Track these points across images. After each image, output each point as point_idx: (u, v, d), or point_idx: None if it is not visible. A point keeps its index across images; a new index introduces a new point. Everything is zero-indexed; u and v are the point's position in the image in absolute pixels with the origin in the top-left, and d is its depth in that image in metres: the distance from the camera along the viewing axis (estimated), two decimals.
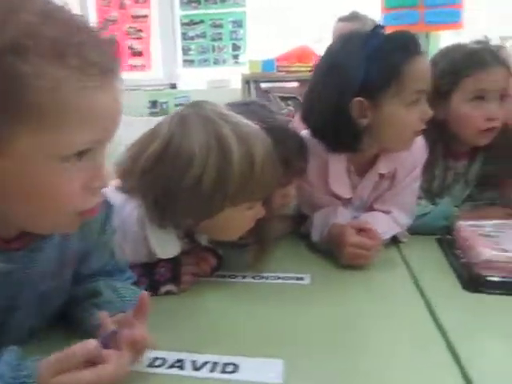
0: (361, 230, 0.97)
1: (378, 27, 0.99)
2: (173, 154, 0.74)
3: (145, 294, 0.61)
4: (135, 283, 0.77)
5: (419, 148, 1.12)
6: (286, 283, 0.90)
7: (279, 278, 0.92)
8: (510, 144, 1.22)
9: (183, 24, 4.26)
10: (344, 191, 1.10)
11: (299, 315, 0.78)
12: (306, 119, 1.05)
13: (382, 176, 1.10)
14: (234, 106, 0.94)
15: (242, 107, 0.95)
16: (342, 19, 2.08)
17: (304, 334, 0.72)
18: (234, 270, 0.95)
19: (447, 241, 1.08)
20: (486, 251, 0.87)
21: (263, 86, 3.38)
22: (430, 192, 1.26)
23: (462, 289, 0.86)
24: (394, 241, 1.12)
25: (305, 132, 1.09)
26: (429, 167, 1.21)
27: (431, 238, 1.14)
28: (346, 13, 2.15)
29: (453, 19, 2.98)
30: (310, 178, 1.09)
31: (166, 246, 0.80)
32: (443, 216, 1.19)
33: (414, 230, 1.17)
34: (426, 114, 1.00)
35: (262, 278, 0.92)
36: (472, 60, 1.14)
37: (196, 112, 0.77)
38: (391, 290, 0.87)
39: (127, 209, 0.78)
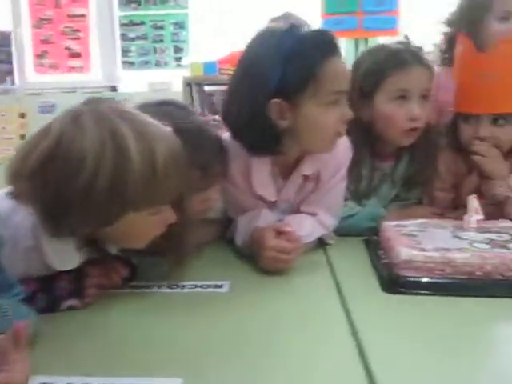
0: (281, 233, 0.94)
1: (293, 27, 0.96)
2: (63, 154, 0.67)
3: (19, 325, 0.54)
4: (30, 299, 0.70)
5: (344, 149, 1.10)
6: (203, 292, 0.85)
7: (197, 286, 0.87)
8: (431, 144, 1.23)
9: (122, 25, 4.15)
10: (269, 194, 1.07)
11: (212, 326, 0.73)
12: (226, 121, 1.01)
13: (306, 178, 1.08)
14: (145, 106, 0.89)
15: (155, 107, 0.89)
16: (274, 19, 2.05)
17: (213, 347, 0.67)
18: (151, 279, 0.89)
19: (373, 242, 1.07)
20: (405, 251, 0.86)
21: (207, 89, 3.33)
22: (357, 193, 1.25)
23: (382, 290, 0.84)
24: (321, 243, 1.11)
25: (226, 134, 1.05)
26: (355, 168, 1.21)
27: (359, 239, 1.12)
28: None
29: (389, 26, 3.07)
30: (233, 180, 1.06)
31: (65, 256, 0.73)
32: (370, 217, 1.18)
33: (342, 232, 1.16)
34: (346, 115, 0.98)
35: (179, 287, 0.87)
36: (393, 60, 1.15)
37: (91, 109, 0.70)
38: (311, 294, 0.85)
39: (18, 217, 0.70)
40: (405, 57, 1.15)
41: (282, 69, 0.92)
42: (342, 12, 3.05)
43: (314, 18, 2.63)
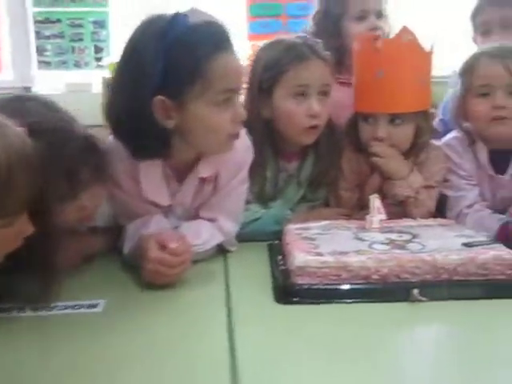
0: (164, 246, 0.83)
1: (179, 14, 0.87)
2: None
3: None
4: None
5: (244, 149, 1.03)
6: (73, 313, 0.74)
7: (67, 307, 0.76)
8: (334, 143, 1.20)
9: (37, 22, 3.88)
10: (161, 198, 0.98)
11: (80, 352, 0.63)
12: (108, 121, 0.91)
13: (203, 180, 1.00)
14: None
15: (14, 103, 0.78)
16: None
17: (77, 376, 0.58)
18: (16, 301, 0.77)
19: (275, 247, 1.00)
20: (300, 256, 0.80)
21: None
22: (262, 196, 1.18)
23: (274, 301, 0.78)
24: (222, 250, 1.03)
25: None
26: (259, 169, 1.15)
27: (263, 244, 1.06)
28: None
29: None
30: (120, 184, 0.96)
31: None
32: (275, 220, 1.12)
33: (245, 237, 1.09)
34: (239, 115, 0.91)
35: (45, 309, 0.75)
36: (290, 54, 1.09)
37: None
38: (195, 310, 0.76)
39: None
40: (302, 50, 1.10)
41: (164, 62, 0.83)
42: (267, 15, 3.05)
43: (240, 22, 2.59)
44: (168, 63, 0.84)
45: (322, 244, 0.88)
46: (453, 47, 1.93)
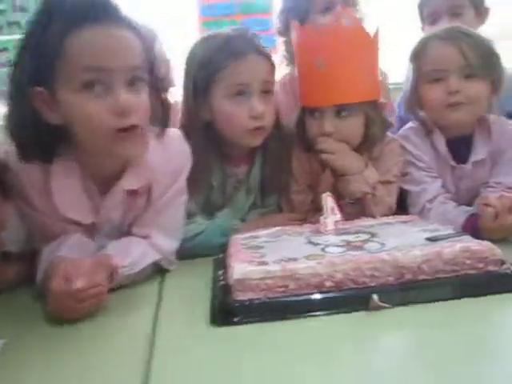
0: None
1: None
2: None
3: None
4: None
5: (179, 155, 0.91)
6: None
7: None
8: (283, 143, 1.09)
9: None
10: (81, 215, 0.84)
11: None
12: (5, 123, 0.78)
13: (134, 193, 0.86)
14: None
15: None
16: None
17: None
18: None
19: (220, 261, 0.87)
20: (239, 268, 0.68)
21: None
22: (209, 206, 1.07)
23: (210, 323, 0.65)
24: (162, 270, 0.90)
25: None
26: (203, 177, 1.03)
27: (210, 259, 0.93)
28: None
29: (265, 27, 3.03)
30: (29, 200, 0.81)
31: None
32: (221, 231, 1.00)
33: (190, 253, 0.96)
34: (120, 105, 0.72)
35: None
36: (226, 50, 0.98)
37: None
38: (116, 340, 0.63)
39: None
40: (239, 45, 0.99)
41: (27, 46, 0.72)
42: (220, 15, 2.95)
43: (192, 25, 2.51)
44: (30, 47, 0.72)
45: (269, 252, 0.76)
46: None
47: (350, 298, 0.66)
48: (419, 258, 0.69)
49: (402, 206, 1.09)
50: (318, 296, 0.66)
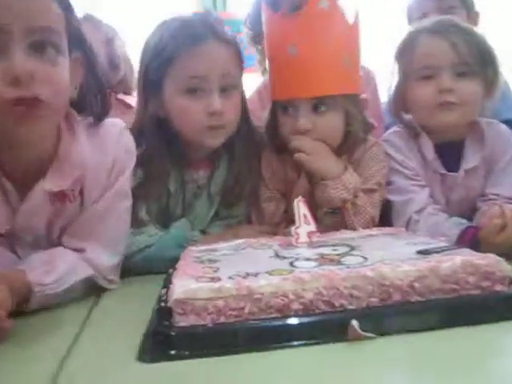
0: None
1: None
2: None
3: None
4: None
5: (119, 149, 0.77)
6: None
7: None
8: (252, 144, 0.96)
9: None
10: None
11: None
12: None
13: (60, 195, 0.71)
14: None
15: None
16: None
17: None
18: None
19: (168, 277, 0.72)
20: (183, 285, 0.53)
21: None
22: (165, 215, 0.92)
23: (137, 359, 0.49)
24: (101, 288, 0.74)
25: None
26: (158, 182, 0.89)
27: (162, 276, 0.78)
28: None
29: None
30: None
31: None
32: (175, 243, 0.84)
33: (139, 269, 0.81)
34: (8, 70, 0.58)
35: None
36: (181, 34, 0.85)
37: None
38: (10, 381, 0.47)
39: None
40: (196, 29, 0.85)
41: None
42: None
43: None
44: None
45: (225, 266, 0.62)
46: None
47: (322, 325, 0.51)
48: (411, 275, 0.54)
49: (385, 218, 0.96)
50: (281, 322, 0.51)
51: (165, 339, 0.49)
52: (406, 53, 0.98)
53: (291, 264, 0.61)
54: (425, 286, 0.55)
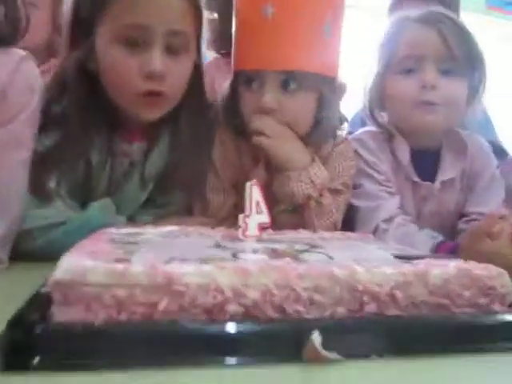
0: None
1: None
2: None
3: None
4: None
5: (14, 83, 0.61)
6: None
7: None
8: (202, 122, 0.80)
9: None
10: None
11: None
12: None
13: None
14: None
15: None
16: None
17: None
18: None
19: None
20: (71, 262, 0.36)
21: None
22: (83, 191, 0.74)
23: None
24: None
25: None
26: (75, 148, 0.71)
27: None
28: None
29: None
30: None
31: None
32: (90, 228, 0.66)
33: (34, 252, 0.63)
34: None
35: None
36: None
37: None
38: None
39: None
40: None
41: None
42: None
43: None
44: None
45: (143, 250, 0.45)
46: None
47: (269, 338, 0.36)
48: (392, 279, 0.40)
49: (347, 224, 0.83)
50: (210, 329, 0.35)
51: (26, 340, 0.32)
52: (388, 42, 0.87)
53: (234, 255, 0.46)
54: (408, 297, 0.40)
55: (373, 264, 0.42)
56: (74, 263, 0.35)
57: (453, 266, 0.43)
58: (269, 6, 0.71)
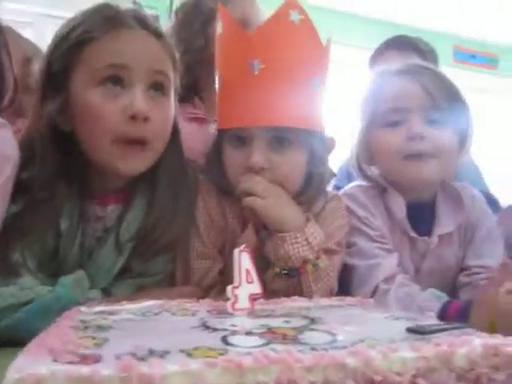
0: None
1: None
2: None
3: None
4: None
5: None
6: None
7: None
8: (183, 180, 0.74)
9: None
10: None
11: None
12: None
13: None
14: None
15: None
16: None
17: None
18: None
19: None
20: (22, 367, 0.29)
21: None
22: (52, 263, 0.66)
23: None
24: None
25: None
26: (42, 214, 0.65)
27: None
28: None
29: None
30: None
31: None
32: (59, 307, 0.59)
33: (8, 335, 0.56)
34: None
35: None
36: (98, 16, 0.65)
37: None
38: None
39: None
40: (120, 14, 0.66)
41: None
42: None
43: None
44: None
45: (118, 338, 0.39)
46: None
47: None
48: (412, 365, 0.34)
49: (342, 284, 0.76)
50: None
51: None
52: (371, 96, 0.85)
53: (224, 340, 0.39)
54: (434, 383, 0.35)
55: (387, 344, 0.37)
56: (26, 369, 0.29)
57: (478, 342, 0.37)
58: (257, 61, 0.68)
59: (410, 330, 0.43)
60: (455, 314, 0.62)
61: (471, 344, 0.37)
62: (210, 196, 0.76)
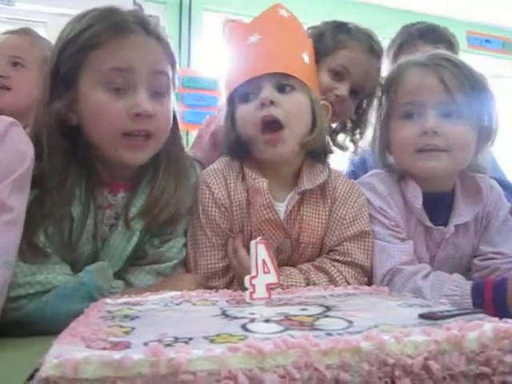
0: None
1: None
2: None
3: None
4: None
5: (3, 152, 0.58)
6: None
7: None
8: (181, 165, 0.78)
9: None
10: None
11: None
12: None
13: None
14: None
15: None
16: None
17: None
18: None
19: None
20: (61, 351, 0.31)
21: None
22: (67, 248, 0.69)
23: None
24: None
25: None
26: (56, 200, 0.67)
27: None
28: None
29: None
30: None
31: None
32: (84, 293, 0.62)
33: (22, 324, 0.59)
34: None
35: None
36: (104, 22, 0.68)
37: None
38: None
39: None
40: (123, 18, 0.69)
41: None
42: None
43: None
44: None
45: (143, 326, 0.41)
46: None
47: None
48: (424, 349, 0.36)
49: None
50: None
51: None
52: (392, 85, 0.85)
53: (244, 327, 0.41)
54: (444, 368, 0.36)
55: (400, 329, 0.38)
56: (64, 355, 0.31)
57: (489, 326, 0.39)
58: (255, 35, 0.80)
59: (422, 316, 0.45)
60: (492, 292, 0.64)
61: (481, 328, 0.38)
62: (216, 178, 0.80)
